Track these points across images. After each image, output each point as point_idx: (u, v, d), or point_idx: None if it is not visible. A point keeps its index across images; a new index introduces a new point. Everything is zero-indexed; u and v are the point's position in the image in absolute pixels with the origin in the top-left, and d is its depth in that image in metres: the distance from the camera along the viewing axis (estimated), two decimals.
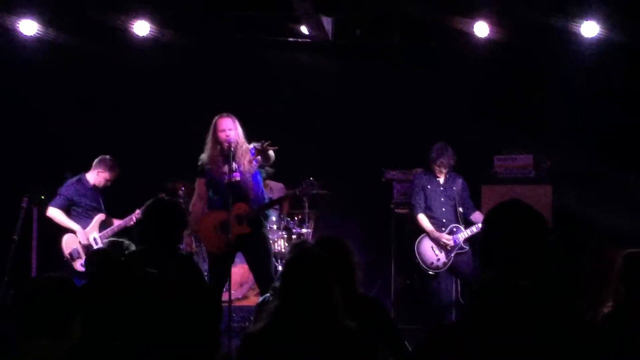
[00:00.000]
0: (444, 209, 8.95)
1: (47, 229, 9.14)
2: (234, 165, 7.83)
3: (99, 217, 9.13)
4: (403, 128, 10.55)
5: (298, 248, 5.49)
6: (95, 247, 8.88)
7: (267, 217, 8.36)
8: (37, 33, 10.06)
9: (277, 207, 10.25)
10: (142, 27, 10.13)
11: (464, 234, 8.83)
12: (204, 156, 8.03)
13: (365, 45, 10.67)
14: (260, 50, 10.91)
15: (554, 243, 2.63)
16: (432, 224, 8.93)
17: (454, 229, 8.88)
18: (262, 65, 11.00)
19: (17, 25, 9.93)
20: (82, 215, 9.13)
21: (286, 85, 11.06)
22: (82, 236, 9.03)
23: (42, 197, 9.56)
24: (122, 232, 9.05)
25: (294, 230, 10.24)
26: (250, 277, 9.74)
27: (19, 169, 10.16)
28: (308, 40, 10.66)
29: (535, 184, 9.58)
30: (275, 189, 10.36)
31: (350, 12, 10.18)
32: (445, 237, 8.84)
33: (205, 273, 9.48)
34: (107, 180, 9.18)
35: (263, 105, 10.65)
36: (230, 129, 7.87)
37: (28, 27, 9.96)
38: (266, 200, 8.27)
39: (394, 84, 10.85)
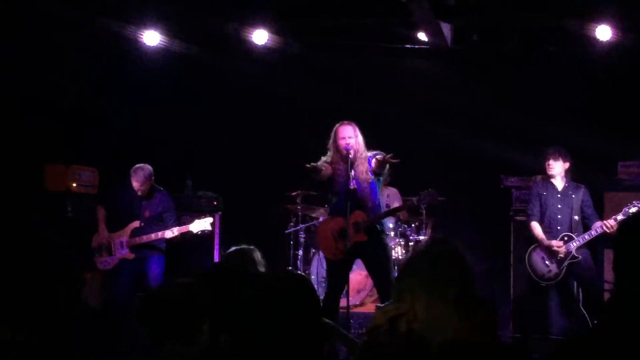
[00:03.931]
0: (559, 216, 8.78)
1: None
2: (352, 173, 7.85)
3: (133, 224, 9.03)
4: (522, 134, 10.29)
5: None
6: (117, 250, 8.95)
7: (383, 225, 8.35)
8: (160, 43, 10.27)
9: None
10: (260, 36, 10.22)
11: (576, 242, 8.61)
12: (326, 158, 8.01)
13: (482, 51, 10.56)
14: (376, 58, 10.93)
15: None
16: (545, 232, 8.79)
17: (566, 238, 8.66)
18: (378, 72, 10.97)
19: (141, 35, 10.14)
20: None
21: (402, 92, 10.94)
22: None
23: None
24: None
25: (410, 237, 10.15)
26: (368, 283, 9.87)
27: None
28: (425, 47, 10.58)
29: None
30: (391, 195, 10.35)
31: (469, 18, 10.05)
32: (556, 243, 8.65)
33: (323, 279, 9.59)
34: (138, 189, 8.94)
35: (379, 113, 10.56)
36: (351, 136, 7.86)
37: (151, 37, 10.16)
38: (382, 208, 8.27)
39: (513, 90, 10.70)
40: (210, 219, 8.86)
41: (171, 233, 8.80)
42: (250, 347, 2.77)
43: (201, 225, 8.82)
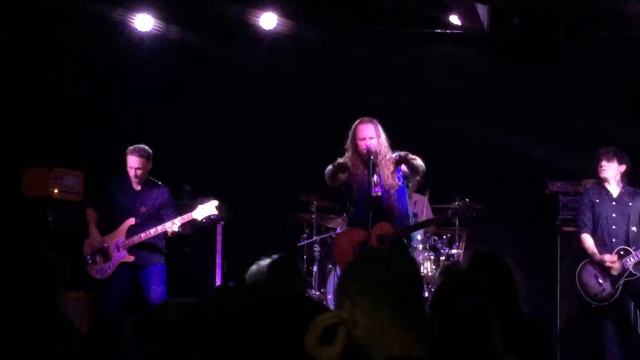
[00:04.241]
0: (614, 227, 8.50)
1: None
2: (375, 178, 7.69)
3: (127, 222, 8.83)
4: (571, 132, 10.01)
5: (450, 272, 5.17)
6: (114, 254, 8.74)
7: (410, 238, 8.15)
8: (153, 29, 10.18)
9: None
10: (268, 20, 10.10)
11: (634, 257, 8.33)
12: (343, 161, 7.87)
13: (524, 37, 10.31)
14: (400, 45, 10.71)
15: None
16: (598, 245, 8.53)
17: (622, 252, 8.40)
18: (402, 61, 10.72)
19: (132, 20, 10.04)
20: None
21: (430, 84, 10.71)
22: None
23: None
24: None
25: (442, 251, 9.80)
26: None
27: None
28: (457, 32, 10.41)
29: None
30: (419, 203, 10.02)
31: None
32: (609, 258, 8.36)
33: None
34: (130, 168, 8.73)
35: (404, 108, 10.38)
36: (372, 136, 7.70)
37: (144, 22, 10.07)
38: (411, 217, 8.05)
39: (560, 81, 10.40)
40: (215, 202, 8.67)
41: (172, 225, 8.55)
42: None
43: (205, 210, 8.62)
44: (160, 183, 9.01)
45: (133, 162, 8.70)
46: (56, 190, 9.79)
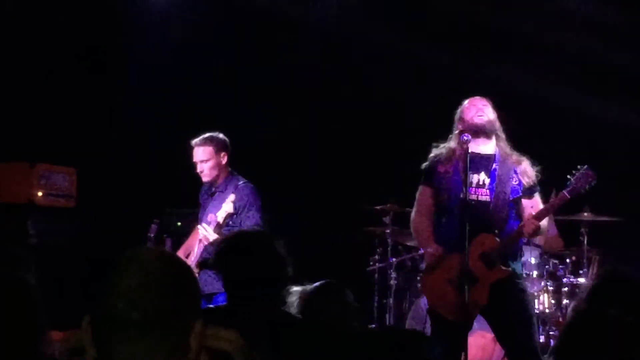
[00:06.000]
0: None
1: None
2: (483, 177, 7.11)
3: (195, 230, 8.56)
4: None
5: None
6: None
7: (517, 260, 7.58)
8: None
9: (536, 243, 9.43)
10: None
11: None
12: (437, 152, 7.27)
13: None
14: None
15: None
16: None
17: None
18: (513, 19, 10.54)
19: None
20: None
21: (549, 48, 10.54)
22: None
23: (179, 224, 9.79)
24: None
25: (564, 280, 9.49)
26: (497, 350, 9.10)
27: (151, 181, 10.35)
28: None
29: None
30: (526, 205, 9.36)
31: None
32: None
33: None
34: (199, 171, 8.52)
35: (516, 79, 10.11)
36: (481, 111, 7.09)
37: None
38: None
39: None
40: (232, 196, 8.36)
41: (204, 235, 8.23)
42: None
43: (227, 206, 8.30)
44: (241, 181, 8.63)
45: (194, 155, 8.52)
46: (40, 193, 9.79)
